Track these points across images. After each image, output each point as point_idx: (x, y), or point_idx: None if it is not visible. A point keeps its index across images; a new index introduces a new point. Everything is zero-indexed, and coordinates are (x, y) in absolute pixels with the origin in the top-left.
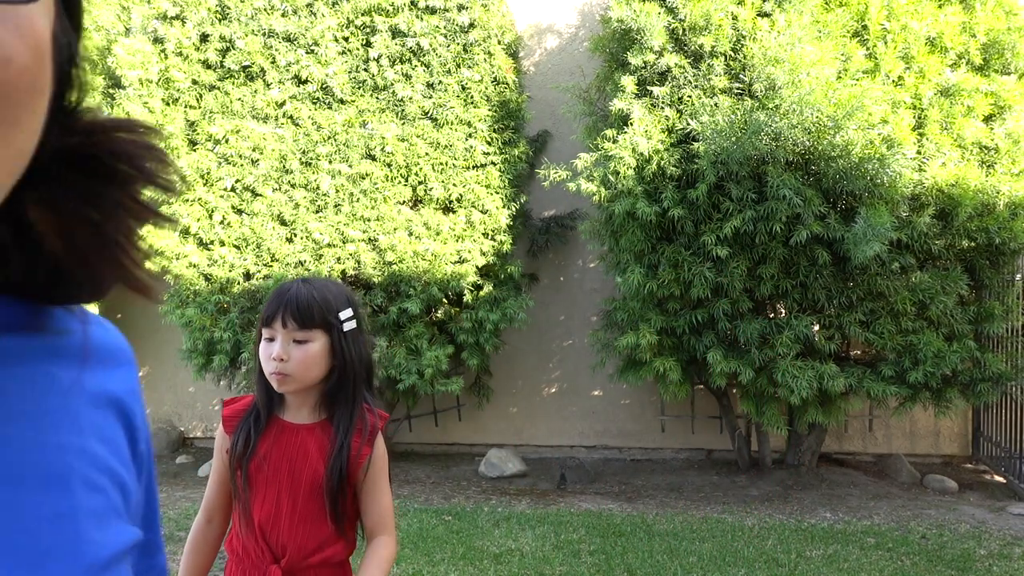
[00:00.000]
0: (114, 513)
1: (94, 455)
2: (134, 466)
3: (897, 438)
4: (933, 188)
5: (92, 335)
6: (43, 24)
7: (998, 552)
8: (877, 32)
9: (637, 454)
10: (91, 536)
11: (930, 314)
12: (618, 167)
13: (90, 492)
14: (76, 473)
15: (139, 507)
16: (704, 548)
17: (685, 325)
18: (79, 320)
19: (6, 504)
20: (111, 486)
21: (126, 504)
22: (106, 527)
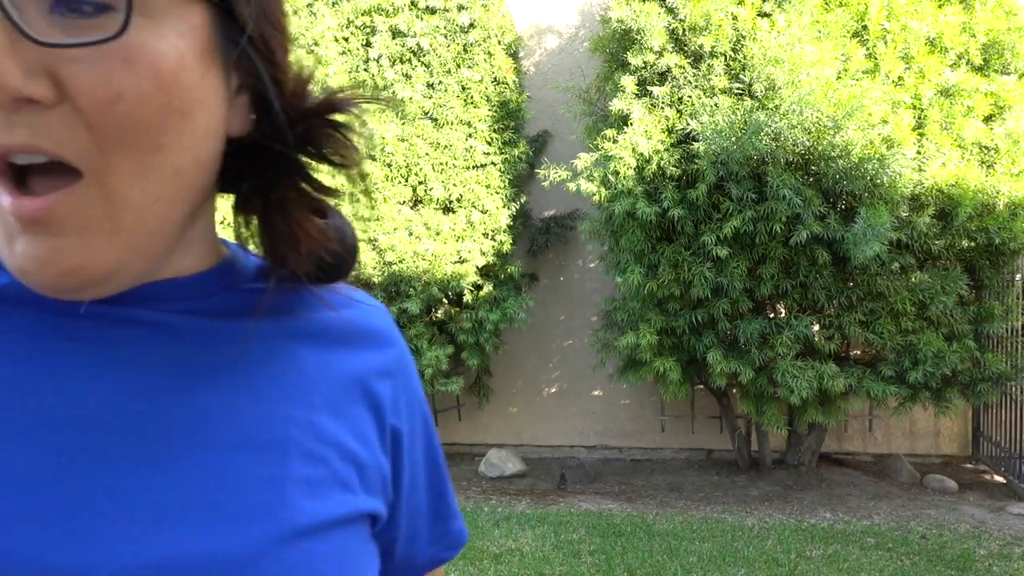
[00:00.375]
0: (336, 484)
1: (321, 429)
2: (379, 442)
3: (897, 438)
4: (933, 188)
5: (341, 318)
6: (165, 47)
7: (998, 552)
8: (877, 32)
9: (637, 454)
10: (298, 502)
11: (930, 314)
12: (618, 167)
13: (307, 462)
14: (295, 443)
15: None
16: (704, 548)
17: (685, 325)
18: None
19: (222, 465)
20: (338, 459)
21: (361, 477)
22: (320, 496)
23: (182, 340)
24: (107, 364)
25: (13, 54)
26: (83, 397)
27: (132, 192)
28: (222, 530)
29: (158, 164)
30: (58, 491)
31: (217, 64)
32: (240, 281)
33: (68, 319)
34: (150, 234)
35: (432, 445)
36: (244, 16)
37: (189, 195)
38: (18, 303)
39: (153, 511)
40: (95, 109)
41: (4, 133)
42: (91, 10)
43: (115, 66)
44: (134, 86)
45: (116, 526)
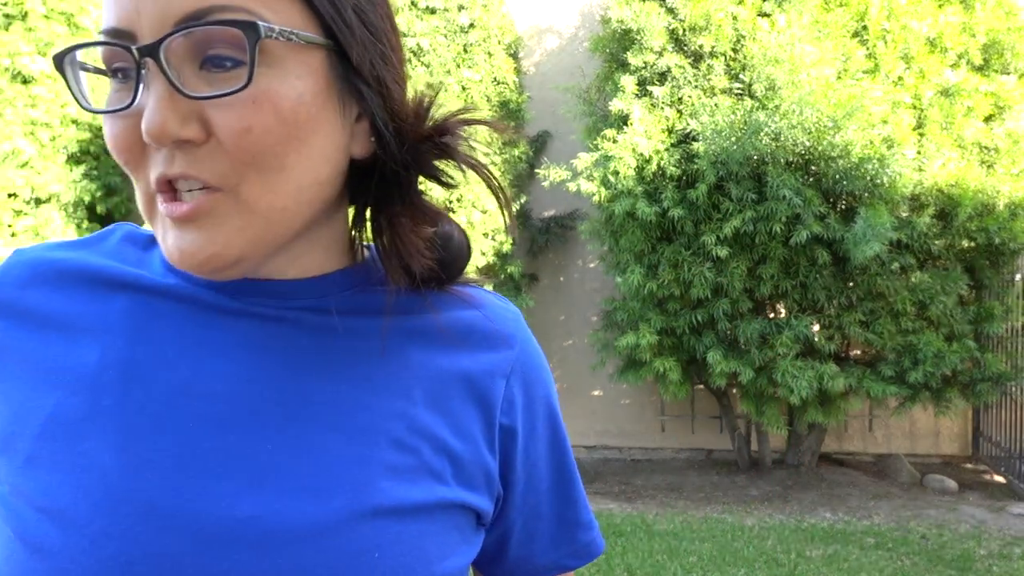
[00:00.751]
0: (425, 473)
1: (416, 421)
2: (485, 439)
3: (897, 438)
4: (933, 188)
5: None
6: (286, 89)
7: (998, 552)
8: (877, 32)
9: (637, 454)
10: (382, 484)
11: (930, 314)
12: (618, 167)
13: (395, 449)
14: (386, 431)
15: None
16: (704, 548)
17: (685, 325)
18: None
19: (317, 443)
20: (430, 450)
21: (456, 470)
22: (405, 482)
23: (302, 333)
24: (237, 351)
25: (173, 107)
26: (215, 376)
27: (260, 202)
28: (309, 498)
29: (282, 181)
30: (184, 449)
31: (334, 98)
32: (367, 283)
33: (215, 313)
34: (273, 233)
35: (559, 450)
36: (357, 58)
37: (311, 206)
38: (181, 300)
39: (254, 474)
40: (231, 141)
41: (167, 166)
42: (230, 65)
43: (245, 107)
44: (261, 121)
45: (222, 483)
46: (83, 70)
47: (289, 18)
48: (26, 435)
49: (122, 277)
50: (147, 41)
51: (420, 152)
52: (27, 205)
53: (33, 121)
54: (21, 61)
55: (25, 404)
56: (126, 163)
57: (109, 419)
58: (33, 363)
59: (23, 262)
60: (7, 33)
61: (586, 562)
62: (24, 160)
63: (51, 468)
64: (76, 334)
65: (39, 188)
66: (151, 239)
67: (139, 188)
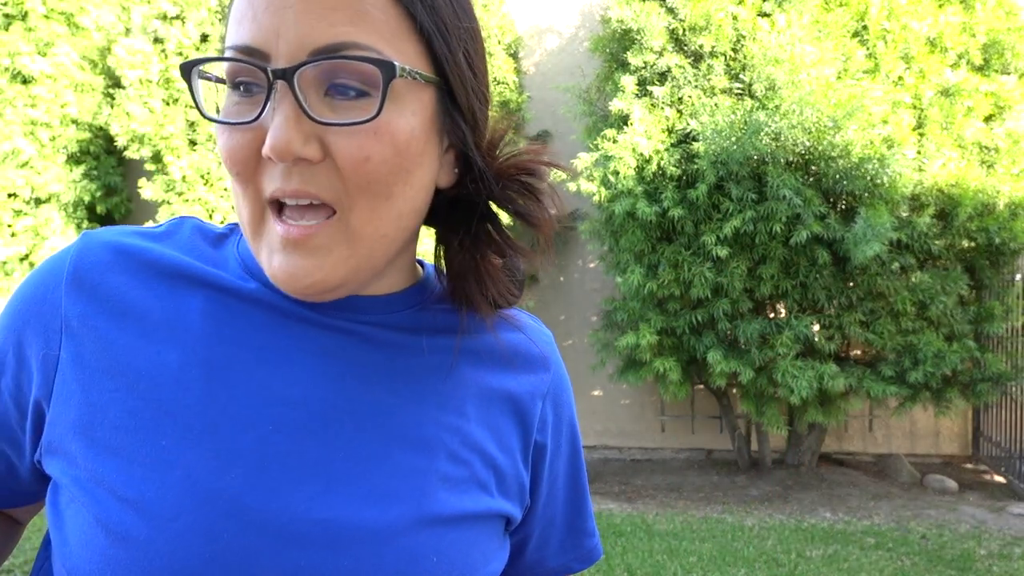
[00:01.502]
0: (474, 485)
1: (469, 436)
2: (522, 454)
3: (897, 438)
4: (933, 188)
5: (507, 341)
6: (403, 123)
7: (998, 552)
8: (877, 32)
9: (637, 454)
10: (437, 494)
11: (930, 314)
12: (618, 167)
13: (450, 462)
14: (443, 444)
15: (520, 487)
16: (704, 548)
17: (685, 325)
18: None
19: (382, 453)
20: (480, 463)
21: (499, 483)
22: (458, 492)
23: (371, 347)
24: (312, 359)
25: (298, 127)
26: (292, 382)
27: (366, 229)
28: (375, 505)
29: (386, 208)
30: (265, 451)
31: (436, 132)
32: (427, 301)
33: (292, 321)
34: (372, 260)
35: (576, 465)
36: (461, 97)
37: (405, 233)
38: (259, 304)
39: (327, 480)
40: (349, 166)
41: (284, 182)
42: (353, 95)
43: (367, 136)
44: (379, 152)
45: (300, 487)
46: (202, 79)
47: (410, 58)
48: (105, 425)
49: (202, 275)
50: (282, 64)
51: (508, 189)
52: (27, 205)
53: (33, 121)
54: (21, 61)
55: (103, 394)
56: (238, 174)
57: (192, 416)
58: (112, 354)
59: (103, 244)
60: (7, 33)
61: (588, 566)
62: (24, 160)
63: (132, 460)
64: (156, 329)
65: (39, 188)
66: (220, 236)
67: (246, 200)
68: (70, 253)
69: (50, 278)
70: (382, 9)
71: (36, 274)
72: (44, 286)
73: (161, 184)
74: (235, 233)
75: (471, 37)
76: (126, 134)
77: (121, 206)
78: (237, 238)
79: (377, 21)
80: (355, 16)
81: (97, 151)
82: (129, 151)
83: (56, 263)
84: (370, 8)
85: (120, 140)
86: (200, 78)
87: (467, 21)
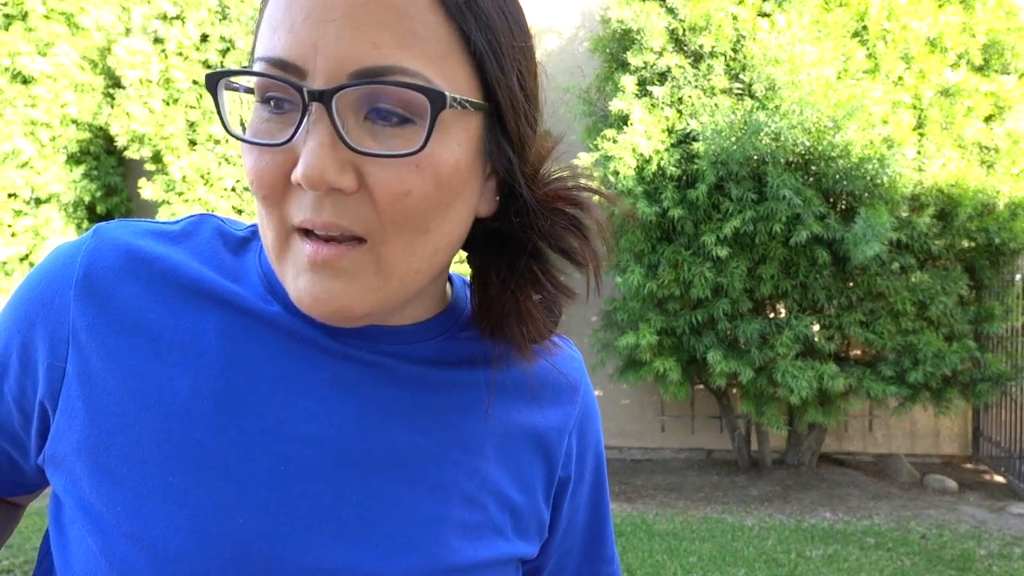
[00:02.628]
0: (490, 530)
1: (487, 478)
2: (544, 492)
3: (897, 438)
4: (933, 188)
5: (533, 373)
6: (448, 155)
7: (998, 552)
8: (877, 32)
9: (637, 454)
10: (452, 542)
11: (930, 314)
12: (618, 167)
13: (467, 507)
14: (460, 489)
15: (539, 525)
16: (704, 548)
17: (685, 325)
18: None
19: (396, 497)
20: (496, 507)
21: (515, 524)
22: (473, 539)
23: (392, 382)
24: (329, 390)
25: (333, 155)
26: (306, 417)
27: (399, 263)
28: (387, 553)
29: (422, 243)
30: (275, 494)
31: (480, 160)
32: (455, 329)
33: (312, 350)
34: (403, 293)
35: (600, 492)
36: (511, 123)
37: (440, 267)
38: (278, 329)
39: (338, 525)
40: (386, 200)
41: (315, 212)
42: (397, 121)
43: (408, 169)
44: (420, 186)
45: (310, 533)
46: (228, 90)
47: (459, 84)
48: (111, 451)
49: (221, 293)
50: (320, 85)
51: (554, 225)
52: (27, 205)
53: (33, 121)
54: (21, 61)
55: (111, 418)
56: (265, 198)
57: (201, 453)
58: (121, 374)
59: (117, 247)
60: (7, 33)
61: None
62: (24, 160)
63: (139, 494)
64: (170, 351)
65: (39, 188)
66: (241, 242)
67: (271, 223)
68: (81, 252)
69: (59, 279)
70: (433, 28)
71: (44, 271)
72: (52, 287)
73: (161, 184)
74: (257, 238)
75: (525, 57)
76: (126, 134)
77: (121, 206)
78: (259, 246)
79: (426, 42)
80: (403, 36)
81: (97, 151)
82: (129, 151)
83: (66, 261)
84: (419, 27)
85: (120, 140)
86: (226, 89)
87: (522, 39)
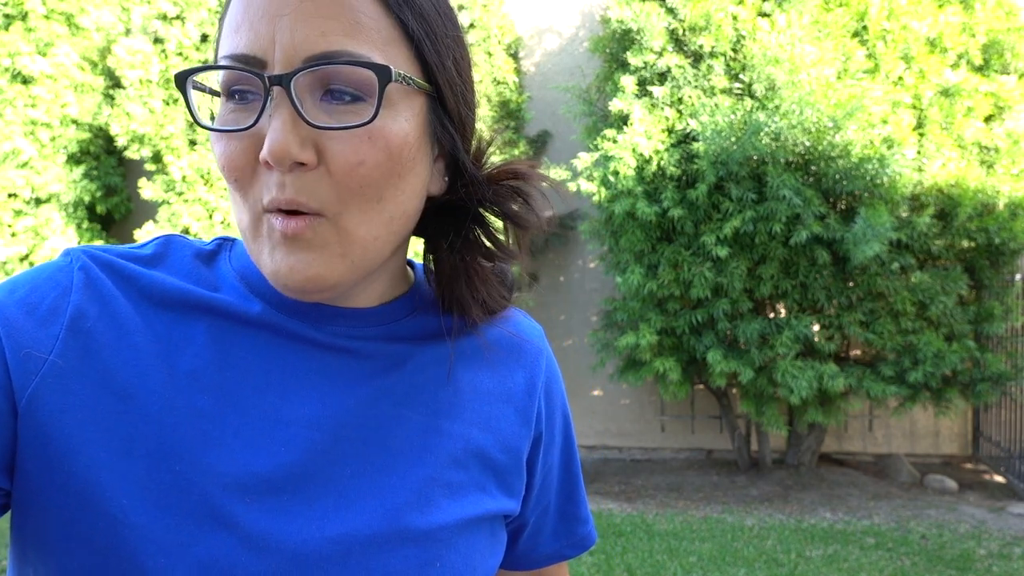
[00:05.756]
0: (474, 488)
1: (470, 440)
2: (525, 451)
3: (897, 438)
4: (933, 188)
5: (496, 340)
6: (397, 128)
7: (998, 552)
8: (877, 32)
9: (637, 454)
10: (443, 503)
11: (930, 314)
12: (618, 167)
13: (453, 468)
14: (446, 452)
15: (520, 483)
16: (704, 548)
17: (685, 325)
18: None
19: (389, 468)
20: (480, 466)
21: (499, 482)
22: (459, 498)
23: (370, 363)
24: (318, 378)
25: (295, 132)
26: (300, 402)
27: (358, 230)
28: (384, 517)
29: (378, 211)
30: (277, 474)
31: (427, 138)
32: (419, 308)
33: (296, 343)
34: (366, 261)
35: (569, 453)
36: (451, 104)
37: (396, 237)
38: (262, 326)
39: (337, 498)
40: (342, 170)
41: (279, 192)
42: (348, 99)
43: (361, 141)
44: (372, 156)
45: (313, 507)
46: (195, 89)
47: (403, 66)
48: (111, 447)
49: (205, 302)
50: (279, 71)
51: (498, 193)
52: (27, 205)
53: (33, 121)
54: (21, 61)
55: (107, 417)
56: (236, 180)
57: (206, 442)
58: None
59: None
60: (7, 33)
61: (581, 552)
62: (24, 160)
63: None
64: (163, 354)
65: (39, 188)
66: (211, 255)
67: (245, 206)
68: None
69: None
70: (374, 18)
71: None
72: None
73: (161, 184)
74: (224, 248)
75: (458, 44)
76: (126, 134)
77: (121, 206)
78: (227, 253)
79: (370, 30)
80: (349, 26)
81: (97, 151)
82: (129, 151)
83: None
84: (363, 18)
85: (120, 140)
86: (194, 88)
87: (453, 30)
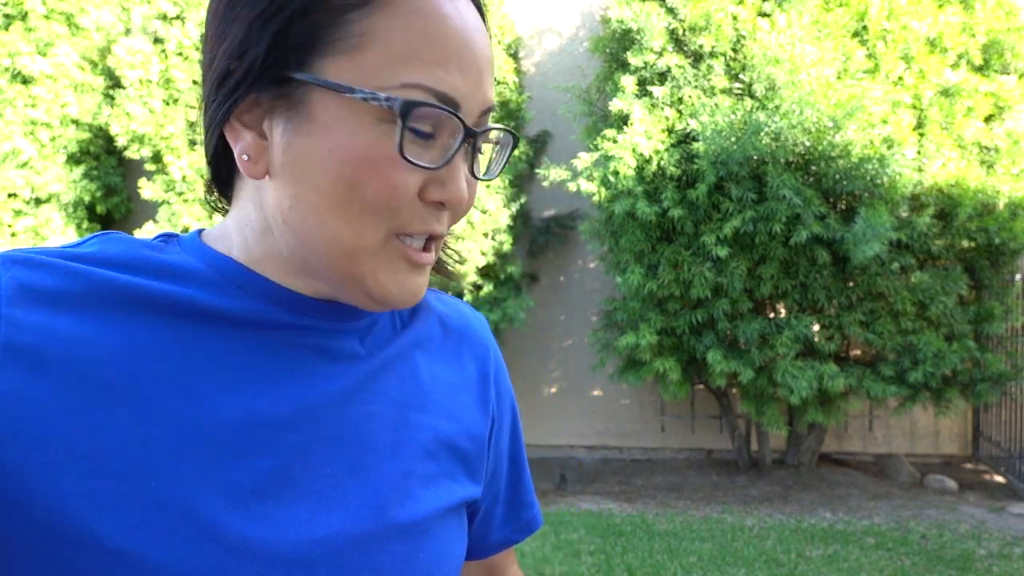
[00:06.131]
0: (444, 477)
1: (439, 431)
2: (487, 437)
3: (897, 438)
4: (933, 188)
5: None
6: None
7: (998, 552)
8: (877, 32)
9: (637, 454)
10: (419, 494)
11: (930, 314)
12: (618, 167)
13: (425, 460)
14: (419, 444)
15: (483, 468)
16: (704, 548)
17: (685, 325)
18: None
19: (365, 465)
20: (447, 456)
21: (466, 469)
22: (432, 488)
23: (343, 360)
24: (291, 380)
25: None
26: (273, 403)
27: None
28: (370, 514)
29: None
30: (254, 478)
31: None
32: None
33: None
34: None
35: (517, 438)
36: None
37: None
38: (243, 325)
39: (320, 499)
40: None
41: (438, 225)
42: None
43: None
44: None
45: (293, 509)
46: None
47: None
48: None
49: (167, 297)
50: (471, 122)
51: None
52: (27, 205)
53: (33, 121)
54: (21, 61)
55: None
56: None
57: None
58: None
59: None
60: (7, 33)
61: (527, 536)
62: (24, 160)
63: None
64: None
65: (39, 188)
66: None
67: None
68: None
69: None
70: None
71: None
72: None
73: (161, 184)
74: (170, 243)
75: None
76: (126, 134)
77: (121, 206)
78: (178, 247)
79: None
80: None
81: (97, 151)
82: (129, 151)
83: None
84: None
85: (120, 140)
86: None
87: None
